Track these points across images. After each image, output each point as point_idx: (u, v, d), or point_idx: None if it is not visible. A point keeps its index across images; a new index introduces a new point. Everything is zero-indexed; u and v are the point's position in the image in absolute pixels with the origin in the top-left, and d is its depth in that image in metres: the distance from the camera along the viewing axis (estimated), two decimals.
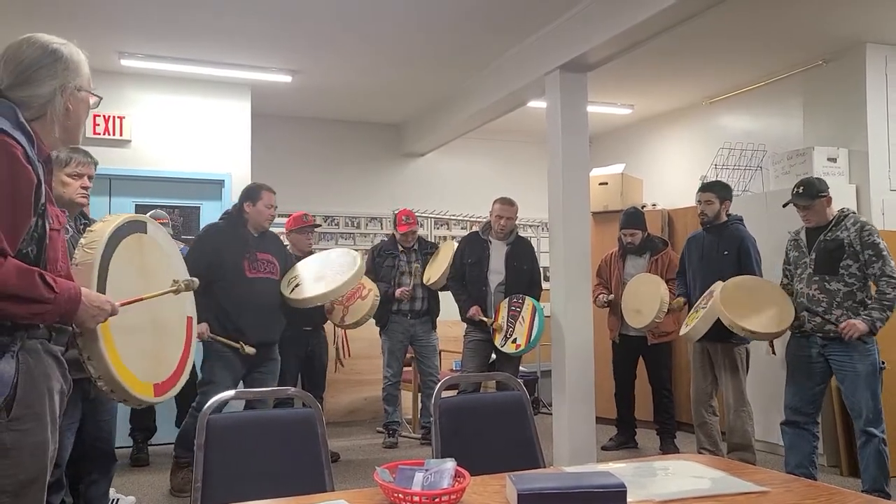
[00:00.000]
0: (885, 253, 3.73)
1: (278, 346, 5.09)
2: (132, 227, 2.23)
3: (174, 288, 2.29)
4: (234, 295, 4.17)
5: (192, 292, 2.49)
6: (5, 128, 1.61)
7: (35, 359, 1.68)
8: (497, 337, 4.84)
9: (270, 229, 4.51)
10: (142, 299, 2.11)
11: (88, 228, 2.14)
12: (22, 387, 1.63)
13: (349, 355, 5.95)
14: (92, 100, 1.87)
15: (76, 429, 3.06)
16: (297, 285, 4.43)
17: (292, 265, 4.62)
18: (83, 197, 3.05)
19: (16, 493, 1.63)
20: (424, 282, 5.55)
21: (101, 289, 2.00)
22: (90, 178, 3.08)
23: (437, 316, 5.75)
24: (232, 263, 4.21)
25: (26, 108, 1.73)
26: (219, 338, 4.16)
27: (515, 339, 4.72)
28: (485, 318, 4.92)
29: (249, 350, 4.19)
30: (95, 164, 3.12)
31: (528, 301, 4.78)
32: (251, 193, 4.37)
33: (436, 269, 5.49)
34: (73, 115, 1.80)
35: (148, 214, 5.05)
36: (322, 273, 4.49)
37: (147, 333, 2.21)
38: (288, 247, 5.16)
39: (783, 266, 4.17)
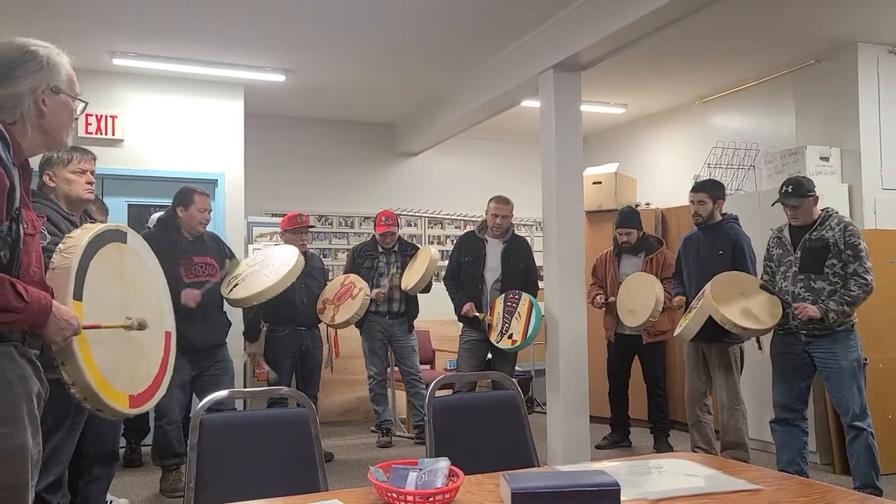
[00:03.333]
0: (862, 254, 3.78)
1: (273, 345, 5.11)
2: (112, 236, 2.21)
3: (127, 324, 2.23)
4: (173, 302, 4.12)
5: (171, 308, 2.55)
6: None
7: (8, 363, 1.64)
8: (493, 333, 4.84)
9: (208, 229, 4.48)
10: (100, 327, 2.06)
11: (67, 235, 2.11)
12: None
13: (337, 356, 5.94)
14: (79, 106, 1.84)
15: (81, 429, 3.05)
16: (235, 285, 4.41)
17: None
18: (89, 192, 3.06)
19: None
20: (402, 288, 5.49)
21: (78, 293, 1.97)
22: (92, 172, 3.08)
23: (415, 317, 5.73)
24: (167, 271, 4.17)
25: (1, 111, 1.70)
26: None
27: (511, 334, 4.70)
28: (478, 314, 4.92)
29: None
30: (94, 158, 3.13)
31: (525, 297, 4.76)
32: (183, 198, 4.32)
33: (413, 276, 5.43)
34: (48, 117, 1.76)
35: (156, 217, 5.05)
36: (260, 270, 4.48)
37: (124, 344, 2.17)
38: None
39: (765, 263, 4.20)
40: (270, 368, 5.05)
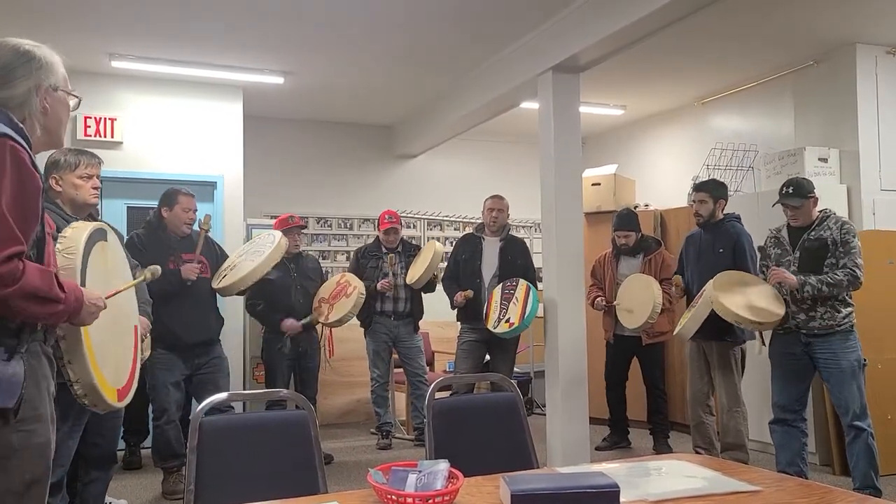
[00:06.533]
0: (854, 251, 3.80)
1: (270, 347, 5.11)
2: (99, 235, 2.26)
3: (142, 277, 2.40)
4: (164, 299, 4.14)
5: (136, 302, 2.57)
6: (9, 132, 1.61)
7: (36, 360, 1.70)
8: (490, 320, 4.83)
9: (195, 228, 4.49)
10: (120, 291, 2.15)
11: (61, 234, 2.14)
12: (28, 388, 1.64)
13: (332, 354, 5.93)
14: (72, 101, 1.87)
15: (81, 430, 3.06)
16: (224, 276, 4.43)
17: (224, 259, 4.63)
18: (95, 197, 3.09)
19: (21, 493, 1.64)
20: (407, 281, 5.50)
21: None
22: (98, 177, 3.09)
23: (420, 318, 5.72)
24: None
25: (10, 112, 1.72)
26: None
27: (509, 318, 4.68)
28: (464, 293, 4.97)
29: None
30: (101, 162, 3.13)
31: (522, 282, 4.76)
32: (168, 199, 4.35)
33: (417, 268, 5.46)
34: (51, 115, 1.80)
35: None
36: (247, 258, 4.51)
37: (111, 339, 2.21)
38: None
39: (760, 262, 4.21)
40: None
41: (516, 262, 5.05)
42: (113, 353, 2.20)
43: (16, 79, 1.73)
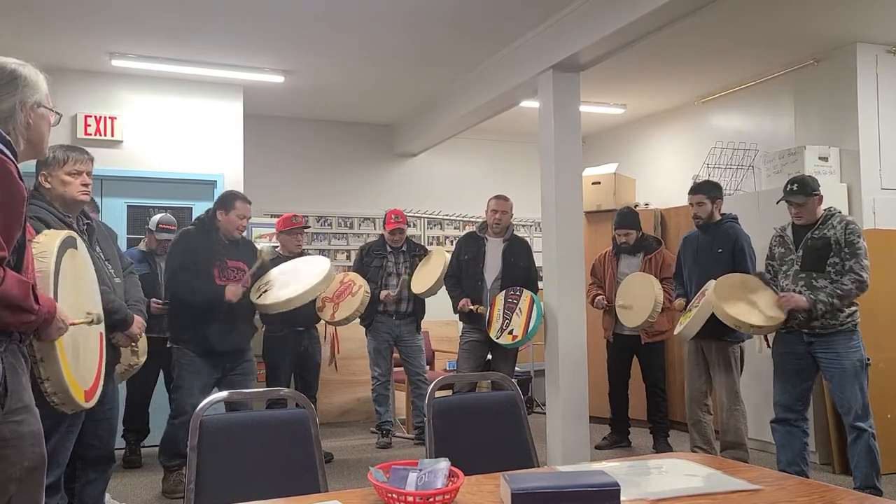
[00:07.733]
0: (860, 252, 3.77)
1: (272, 346, 5.11)
2: (69, 243, 2.32)
3: (88, 319, 2.42)
4: (203, 302, 4.16)
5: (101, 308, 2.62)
6: None
7: (14, 357, 1.78)
8: (492, 329, 4.83)
9: (244, 236, 4.50)
10: (74, 324, 2.21)
11: (34, 240, 2.18)
12: (11, 382, 1.73)
13: (338, 351, 5.94)
14: (53, 117, 1.96)
15: (78, 431, 3.05)
16: (265, 291, 4.43)
17: (265, 271, 4.62)
18: (85, 194, 3.02)
19: (21, 479, 1.74)
20: (415, 291, 5.43)
21: (55, 296, 2.08)
22: (88, 174, 3.06)
23: (423, 318, 5.71)
24: (201, 270, 4.21)
25: None
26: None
27: (512, 330, 4.69)
28: (473, 307, 4.92)
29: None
30: (92, 160, 3.10)
31: (526, 293, 4.76)
32: (225, 202, 4.34)
33: (426, 280, 5.38)
34: (34, 129, 1.90)
35: (157, 219, 5.09)
36: (290, 280, 4.51)
37: (80, 342, 2.28)
38: (278, 248, 5.16)
39: (766, 262, 4.19)
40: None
41: (519, 265, 5.03)
42: (81, 354, 2.26)
43: (1, 96, 1.83)
